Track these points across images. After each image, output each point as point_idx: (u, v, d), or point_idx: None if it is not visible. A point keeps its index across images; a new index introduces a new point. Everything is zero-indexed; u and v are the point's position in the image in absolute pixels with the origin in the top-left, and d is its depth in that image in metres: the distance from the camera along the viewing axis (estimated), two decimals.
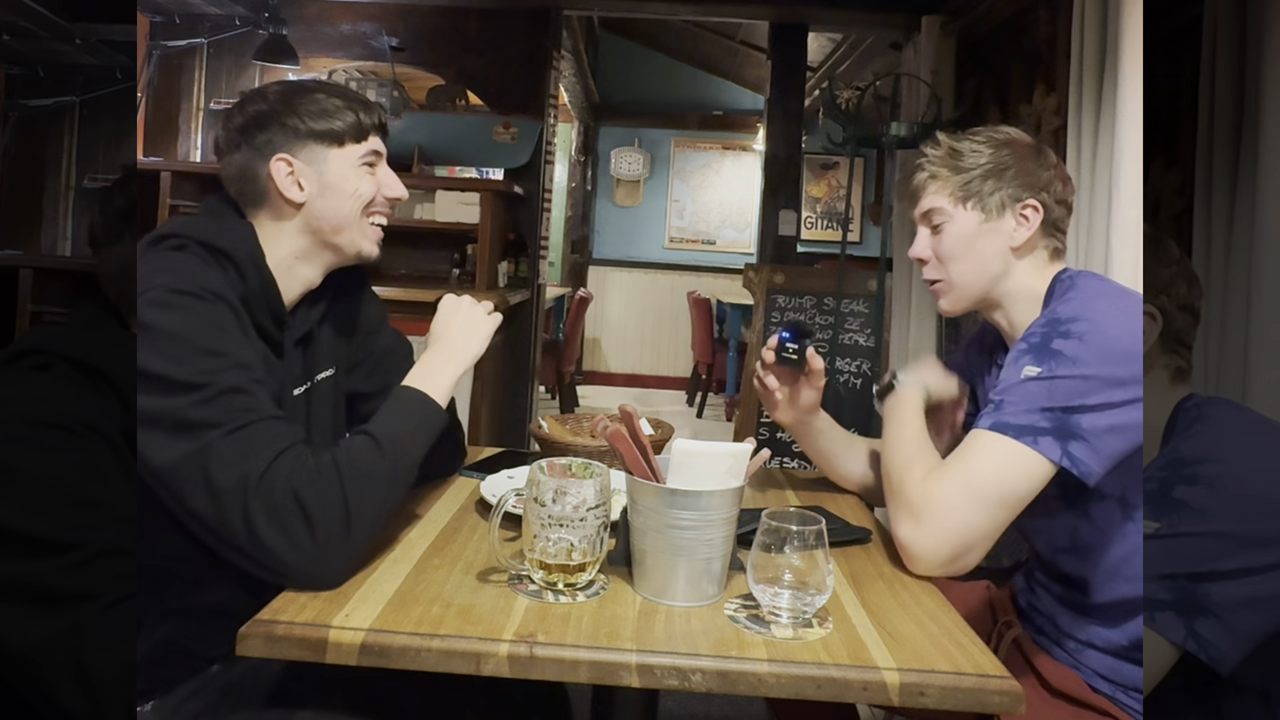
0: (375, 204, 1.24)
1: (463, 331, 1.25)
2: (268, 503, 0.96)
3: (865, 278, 4.02)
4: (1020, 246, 1.28)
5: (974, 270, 1.30)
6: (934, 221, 1.32)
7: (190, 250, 1.11)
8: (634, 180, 7.68)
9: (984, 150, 1.30)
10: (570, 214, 7.43)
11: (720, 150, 7.64)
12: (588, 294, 6.42)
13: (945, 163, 1.31)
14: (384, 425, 1.10)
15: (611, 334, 7.68)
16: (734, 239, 7.62)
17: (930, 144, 1.36)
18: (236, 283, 1.12)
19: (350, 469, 1.02)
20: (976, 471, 1.14)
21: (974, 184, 1.29)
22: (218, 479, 0.96)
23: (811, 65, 5.61)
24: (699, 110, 7.61)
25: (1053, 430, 1.11)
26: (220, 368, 1.01)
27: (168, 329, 1.00)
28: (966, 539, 1.13)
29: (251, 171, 1.19)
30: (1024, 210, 1.28)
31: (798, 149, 4.62)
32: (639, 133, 7.65)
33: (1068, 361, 1.13)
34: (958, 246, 1.30)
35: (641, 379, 7.63)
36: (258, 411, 1.01)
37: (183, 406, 0.98)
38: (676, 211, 7.68)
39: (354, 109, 1.21)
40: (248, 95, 1.23)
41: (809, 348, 1.40)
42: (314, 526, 0.97)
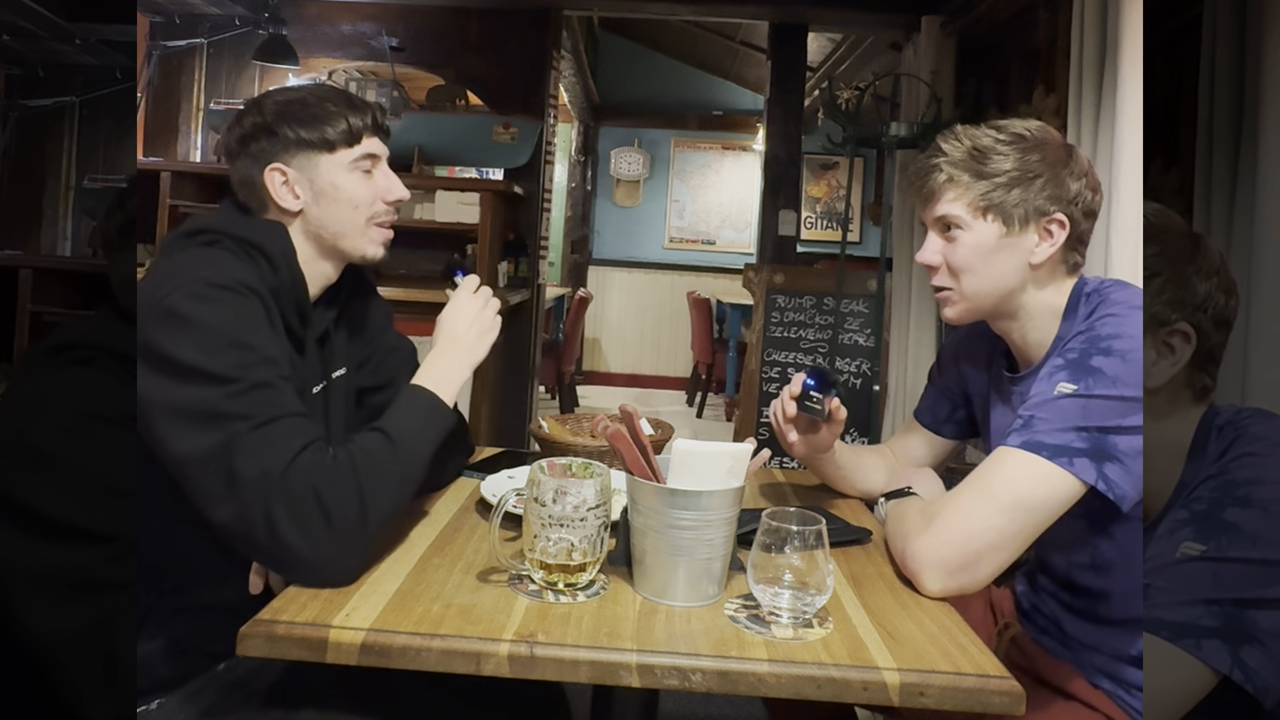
0: (376, 210, 1.25)
1: (472, 332, 1.25)
2: (289, 498, 0.97)
3: (865, 278, 4.02)
4: (1040, 264, 1.20)
5: (988, 285, 1.21)
6: (948, 228, 1.23)
7: (223, 245, 1.14)
8: (634, 180, 7.68)
9: (1010, 154, 1.19)
10: (570, 214, 7.44)
11: (720, 150, 7.63)
12: (587, 294, 6.42)
13: (966, 165, 1.20)
14: (396, 423, 1.11)
15: (611, 334, 7.68)
16: (734, 239, 7.62)
17: (948, 138, 1.24)
18: (269, 276, 1.14)
19: (366, 466, 1.03)
20: (996, 483, 1.08)
21: (997, 193, 1.18)
22: (242, 471, 0.97)
23: (811, 65, 5.61)
24: (699, 110, 7.61)
25: (1089, 451, 1.05)
26: (252, 361, 1.02)
27: (203, 321, 1.02)
28: (976, 544, 1.06)
29: (251, 180, 1.21)
30: (1049, 225, 1.18)
31: (797, 149, 4.62)
32: (639, 133, 7.65)
33: (1107, 380, 1.07)
34: (973, 259, 1.21)
35: (641, 379, 7.63)
36: (283, 407, 1.02)
37: (214, 398, 0.99)
38: (676, 211, 7.68)
39: (345, 113, 1.22)
40: (247, 106, 1.25)
41: (834, 399, 1.31)
42: (332, 523, 0.98)
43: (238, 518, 0.97)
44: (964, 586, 1.08)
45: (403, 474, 1.07)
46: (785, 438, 1.38)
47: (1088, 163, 1.23)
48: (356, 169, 1.23)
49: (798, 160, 4.63)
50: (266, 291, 1.12)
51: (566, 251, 7.37)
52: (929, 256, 1.25)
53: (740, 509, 1.04)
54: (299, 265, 1.20)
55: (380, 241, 1.26)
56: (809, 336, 4.07)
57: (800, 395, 1.32)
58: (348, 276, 1.30)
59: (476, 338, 1.25)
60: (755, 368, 4.10)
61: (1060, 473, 1.05)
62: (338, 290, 1.29)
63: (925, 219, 1.28)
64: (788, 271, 4.15)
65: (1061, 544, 1.23)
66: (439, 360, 1.22)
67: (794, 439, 1.37)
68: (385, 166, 1.27)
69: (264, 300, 1.10)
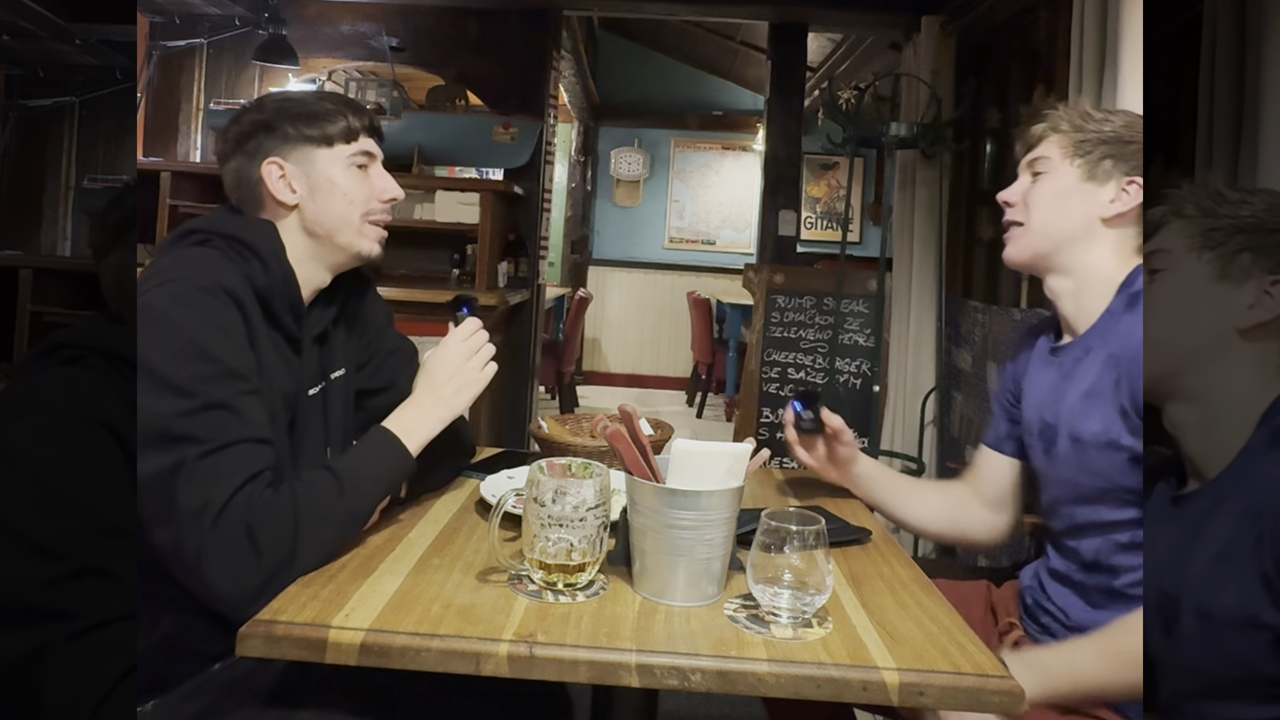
0: (372, 208, 1.25)
1: (451, 386, 1.26)
2: (222, 537, 0.97)
3: (865, 278, 4.02)
4: (1111, 219, 1.25)
5: (1056, 222, 1.27)
6: (1036, 170, 1.29)
7: (214, 245, 1.14)
8: (634, 180, 7.68)
9: (1114, 120, 1.27)
10: (570, 214, 7.43)
11: (720, 150, 7.63)
12: (587, 294, 6.42)
13: (1071, 120, 1.28)
14: (349, 465, 1.12)
15: (611, 334, 7.68)
16: (734, 239, 7.62)
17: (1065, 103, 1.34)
18: (259, 274, 1.14)
19: (308, 507, 1.04)
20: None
21: (1089, 144, 1.26)
22: (182, 500, 0.97)
23: (811, 65, 5.61)
24: (699, 110, 7.61)
25: None
26: (213, 375, 1.02)
27: (175, 322, 1.03)
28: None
29: (247, 177, 1.21)
30: (1128, 185, 1.24)
31: (797, 149, 4.62)
32: (639, 133, 7.65)
33: None
34: (1048, 196, 1.27)
35: (641, 379, 7.63)
36: (235, 432, 1.02)
37: (168, 415, 0.99)
38: (676, 212, 7.68)
39: (343, 112, 1.23)
40: (245, 107, 1.26)
41: (821, 410, 1.41)
42: (260, 561, 0.98)
43: (171, 545, 0.98)
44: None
45: (346, 517, 1.08)
46: (810, 465, 1.46)
47: None
48: (353, 164, 1.24)
49: (798, 160, 4.63)
50: (251, 296, 1.12)
51: (566, 251, 7.37)
52: (1010, 193, 1.32)
53: (739, 509, 1.04)
54: (289, 263, 1.19)
55: (375, 239, 1.27)
56: (809, 337, 4.07)
57: (795, 424, 1.43)
58: (347, 276, 1.30)
59: (455, 392, 1.26)
60: (755, 368, 4.10)
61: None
62: (336, 290, 1.29)
63: (1021, 163, 1.33)
64: (788, 271, 4.15)
65: (1108, 528, 1.22)
66: (410, 409, 1.23)
67: (812, 460, 1.46)
68: (380, 167, 1.28)
69: (244, 308, 1.10)
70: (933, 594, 1.09)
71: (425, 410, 1.23)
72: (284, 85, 4.44)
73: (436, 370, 1.27)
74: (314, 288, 1.26)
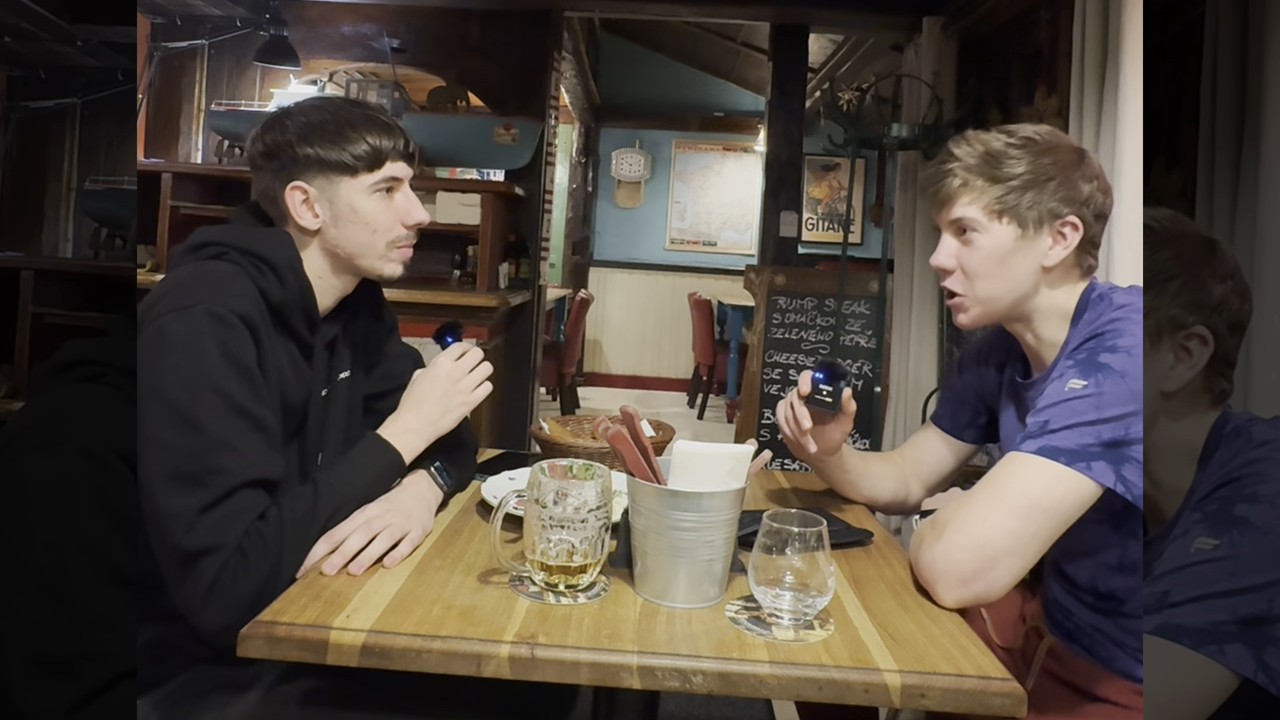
0: (397, 235, 1.25)
1: (441, 405, 1.28)
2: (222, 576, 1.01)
3: (866, 279, 4.02)
4: (1054, 266, 1.20)
5: (1002, 288, 1.22)
6: (963, 231, 1.23)
7: (230, 258, 1.14)
8: (635, 182, 7.68)
9: (1023, 158, 1.19)
10: (571, 215, 7.43)
11: (721, 151, 7.63)
12: (589, 295, 6.42)
13: (980, 170, 1.20)
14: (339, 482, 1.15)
15: (612, 335, 7.67)
16: (735, 240, 7.62)
17: (960, 142, 1.24)
18: (275, 290, 1.14)
19: (292, 526, 1.07)
20: (1010, 488, 1.07)
21: (1011, 196, 1.18)
22: (185, 545, 1.00)
23: (812, 66, 5.61)
24: (700, 112, 7.60)
25: (1105, 455, 1.04)
26: (221, 409, 1.04)
27: (189, 350, 1.04)
28: (990, 549, 1.04)
29: (272, 194, 1.21)
30: (1062, 228, 1.19)
31: (799, 150, 4.62)
32: (640, 134, 7.65)
33: (1116, 375, 1.07)
34: (988, 264, 1.21)
35: (642, 380, 7.62)
36: (239, 475, 1.04)
37: (178, 452, 1.01)
38: (677, 213, 7.67)
39: (370, 136, 1.20)
40: (271, 119, 1.23)
41: (845, 390, 1.29)
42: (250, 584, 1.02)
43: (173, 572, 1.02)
44: (980, 595, 1.06)
45: (324, 525, 1.10)
46: (794, 439, 1.34)
47: (1099, 166, 1.23)
48: (377, 191, 1.22)
49: (799, 161, 4.63)
50: (265, 313, 1.12)
51: (567, 253, 7.37)
52: (944, 260, 1.25)
53: (741, 510, 1.04)
54: (306, 276, 1.19)
55: (400, 261, 1.27)
56: (810, 338, 4.07)
57: (810, 391, 1.29)
58: (359, 284, 1.30)
59: (441, 414, 1.28)
60: (756, 369, 4.10)
61: (1077, 476, 1.04)
62: (347, 297, 1.30)
63: (939, 223, 1.27)
64: (789, 273, 4.15)
65: (1087, 549, 1.21)
66: (394, 427, 1.25)
67: (803, 439, 1.32)
68: (407, 189, 1.26)
69: (257, 331, 1.10)
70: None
71: (411, 431, 1.25)
72: (285, 87, 4.44)
73: (425, 392, 1.28)
74: (335, 298, 1.27)
